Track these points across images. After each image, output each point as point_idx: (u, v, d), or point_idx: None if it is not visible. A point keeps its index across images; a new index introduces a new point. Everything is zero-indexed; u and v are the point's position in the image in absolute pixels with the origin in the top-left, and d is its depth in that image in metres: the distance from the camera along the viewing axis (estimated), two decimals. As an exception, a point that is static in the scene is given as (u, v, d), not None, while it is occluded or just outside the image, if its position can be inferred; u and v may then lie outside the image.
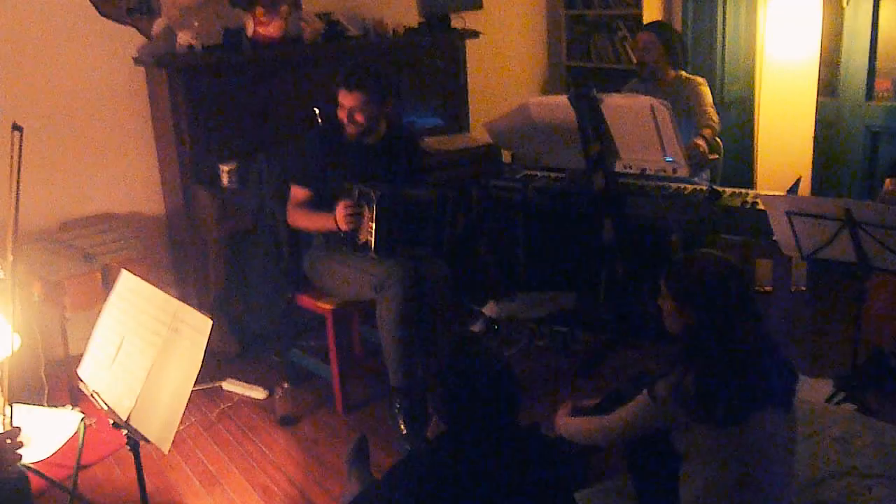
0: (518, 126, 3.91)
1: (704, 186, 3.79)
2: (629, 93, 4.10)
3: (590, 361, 3.81)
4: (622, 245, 3.79)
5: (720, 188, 3.73)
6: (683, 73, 4.12)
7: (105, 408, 2.22)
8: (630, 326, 3.95)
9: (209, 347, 2.03)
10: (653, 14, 4.96)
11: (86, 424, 2.79)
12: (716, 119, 3.91)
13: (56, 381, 3.58)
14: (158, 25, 3.99)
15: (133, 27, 3.95)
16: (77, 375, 2.40)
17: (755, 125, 4.51)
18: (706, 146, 3.77)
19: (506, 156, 4.53)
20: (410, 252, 3.28)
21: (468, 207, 4.29)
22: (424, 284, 3.25)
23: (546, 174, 4.21)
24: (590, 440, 2.41)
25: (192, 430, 3.43)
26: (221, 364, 3.93)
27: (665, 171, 3.63)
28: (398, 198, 3.23)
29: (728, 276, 2.08)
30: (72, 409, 3.38)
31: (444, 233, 3.34)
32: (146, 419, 2.11)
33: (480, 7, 5.04)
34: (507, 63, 5.39)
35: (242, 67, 4.01)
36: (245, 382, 3.75)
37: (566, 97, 3.59)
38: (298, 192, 3.42)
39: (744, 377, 2.02)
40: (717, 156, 4.06)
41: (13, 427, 2.13)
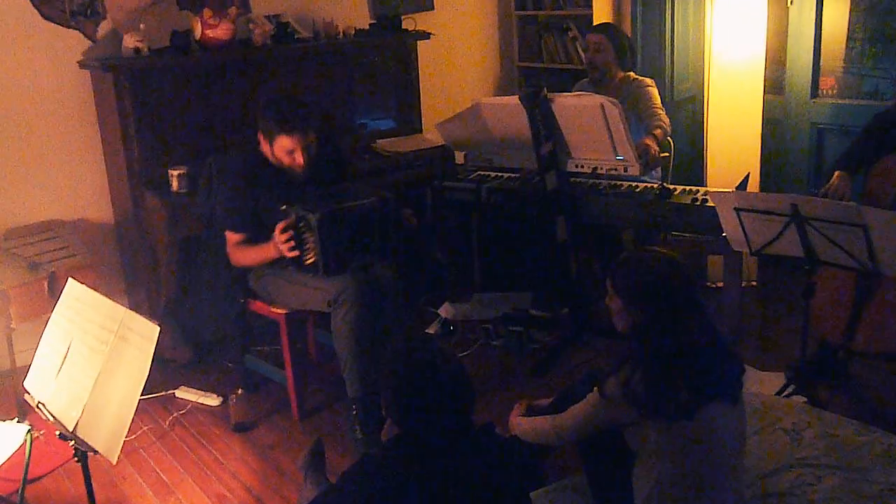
0: (470, 126, 3.92)
1: (656, 184, 3.84)
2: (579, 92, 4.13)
3: (545, 361, 3.82)
4: (575, 244, 3.81)
5: (671, 186, 3.79)
6: (632, 74, 4.16)
7: (51, 419, 2.18)
8: (585, 325, 3.98)
9: (161, 355, 2.01)
10: (603, 15, 5.01)
11: (33, 437, 2.74)
12: (666, 120, 3.95)
13: (2, 394, 3.51)
14: (104, 28, 3.93)
15: (77, 30, 3.88)
16: (24, 387, 2.35)
17: (705, 123, 4.58)
18: (657, 146, 3.80)
19: (459, 156, 4.54)
20: (361, 262, 3.23)
21: (422, 209, 4.28)
22: (378, 293, 3.22)
23: (499, 174, 4.23)
24: (543, 439, 2.41)
25: (145, 440, 3.37)
26: (174, 371, 3.84)
27: (617, 170, 3.67)
28: (337, 214, 3.14)
29: (672, 272, 2.10)
30: (18, 422, 3.32)
31: (392, 236, 3.30)
32: (94, 429, 2.07)
33: (432, 8, 5.05)
34: (459, 64, 5.41)
35: (191, 70, 3.96)
36: (199, 390, 3.69)
37: (517, 97, 3.61)
38: (233, 237, 3.36)
39: (692, 371, 2.03)
40: (668, 154, 4.11)
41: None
